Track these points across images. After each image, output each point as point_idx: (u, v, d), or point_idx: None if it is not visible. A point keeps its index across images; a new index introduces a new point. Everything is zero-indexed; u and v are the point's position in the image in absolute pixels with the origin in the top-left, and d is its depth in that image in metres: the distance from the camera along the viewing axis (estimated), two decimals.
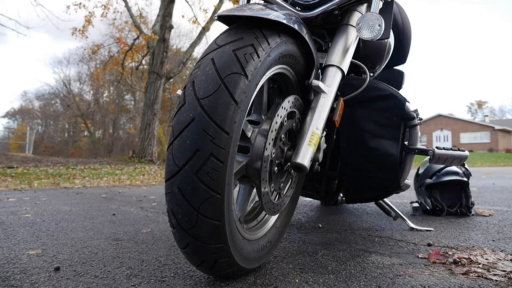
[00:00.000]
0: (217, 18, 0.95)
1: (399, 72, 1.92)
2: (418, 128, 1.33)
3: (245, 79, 0.80)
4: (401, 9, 1.77)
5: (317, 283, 0.94)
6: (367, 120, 1.31)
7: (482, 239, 1.44)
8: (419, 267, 1.08)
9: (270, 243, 1.07)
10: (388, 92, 1.31)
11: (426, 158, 2.16)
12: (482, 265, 1.08)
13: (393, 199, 2.76)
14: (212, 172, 0.75)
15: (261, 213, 1.13)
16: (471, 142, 35.53)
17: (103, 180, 5.16)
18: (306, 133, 0.97)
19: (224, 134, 0.76)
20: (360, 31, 1.08)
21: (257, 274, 1.00)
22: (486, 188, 3.81)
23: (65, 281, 0.95)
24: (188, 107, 0.77)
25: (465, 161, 1.45)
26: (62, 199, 2.88)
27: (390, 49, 1.57)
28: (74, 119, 29.44)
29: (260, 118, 1.02)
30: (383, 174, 1.31)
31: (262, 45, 0.86)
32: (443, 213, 2.02)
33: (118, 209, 2.32)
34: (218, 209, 0.77)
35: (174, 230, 0.81)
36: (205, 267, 0.85)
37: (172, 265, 1.09)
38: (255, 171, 0.93)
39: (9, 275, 1.00)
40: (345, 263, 1.11)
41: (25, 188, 3.88)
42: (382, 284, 0.93)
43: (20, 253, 1.23)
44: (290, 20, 0.94)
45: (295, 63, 1.03)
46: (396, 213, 1.69)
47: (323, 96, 1.03)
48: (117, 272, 1.02)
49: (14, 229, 1.65)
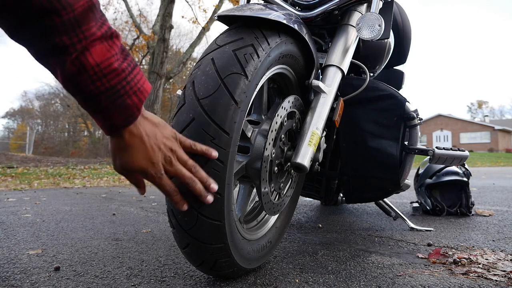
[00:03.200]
0: (217, 18, 0.95)
1: (399, 72, 1.92)
2: (418, 128, 1.33)
3: (245, 79, 0.80)
4: (401, 9, 1.77)
5: (317, 283, 0.94)
6: (367, 120, 1.31)
7: (482, 239, 1.44)
8: (419, 267, 1.08)
9: (270, 243, 1.07)
10: (388, 92, 1.31)
11: (426, 158, 2.16)
12: (482, 265, 1.08)
13: (393, 199, 2.76)
14: (212, 172, 0.75)
15: (261, 213, 1.13)
16: (471, 142, 35.55)
17: (103, 180, 5.16)
18: (306, 133, 0.97)
19: (224, 134, 0.76)
20: (360, 31, 1.08)
21: (257, 274, 1.00)
22: (486, 188, 3.81)
23: (65, 281, 0.95)
24: (188, 107, 0.77)
25: (465, 161, 1.45)
26: (62, 199, 2.88)
27: (390, 49, 1.58)
28: (74, 119, 29.44)
29: (260, 118, 1.02)
30: (383, 174, 1.31)
31: (262, 45, 0.86)
32: (443, 213, 2.02)
33: (118, 209, 2.32)
34: (218, 209, 0.77)
35: (174, 230, 0.81)
36: (205, 267, 0.85)
37: (172, 265, 1.09)
38: (255, 171, 0.93)
39: (9, 275, 1.00)
40: (345, 263, 1.11)
41: (25, 188, 3.88)
42: (382, 284, 0.93)
43: (20, 253, 1.23)
44: (290, 20, 0.94)
45: (295, 63, 1.03)
46: (396, 213, 1.69)
47: (323, 96, 1.03)
48: (117, 272, 1.02)
49: (14, 229, 1.65)
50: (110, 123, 0.62)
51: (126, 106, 0.60)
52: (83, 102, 0.60)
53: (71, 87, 0.57)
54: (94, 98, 0.58)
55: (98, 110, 0.60)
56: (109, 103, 0.59)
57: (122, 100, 0.59)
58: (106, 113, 0.60)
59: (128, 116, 0.62)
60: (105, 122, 0.62)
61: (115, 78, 0.58)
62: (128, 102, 0.60)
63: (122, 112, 0.60)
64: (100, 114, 0.60)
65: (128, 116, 0.62)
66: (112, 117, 0.60)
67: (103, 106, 0.59)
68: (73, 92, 0.58)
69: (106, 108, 0.59)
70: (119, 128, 0.63)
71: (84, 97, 0.58)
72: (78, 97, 0.59)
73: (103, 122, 0.62)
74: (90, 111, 0.61)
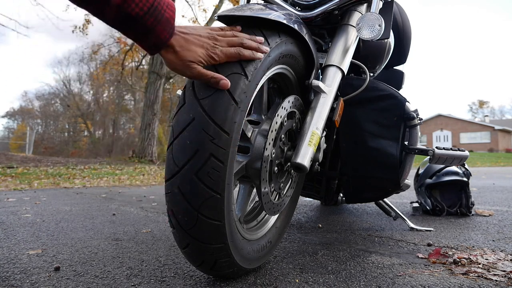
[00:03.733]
0: (217, 18, 0.95)
1: (399, 72, 1.92)
2: (418, 128, 1.33)
3: (245, 79, 0.80)
4: (401, 9, 1.77)
5: (317, 283, 0.94)
6: (367, 120, 1.31)
7: (482, 239, 1.44)
8: (419, 267, 1.08)
9: (270, 243, 1.07)
10: (388, 92, 1.31)
11: (426, 158, 2.16)
12: (482, 265, 1.08)
13: (393, 199, 2.76)
14: (212, 172, 0.75)
15: (261, 213, 1.13)
16: (471, 142, 35.54)
17: (103, 180, 5.16)
18: (306, 133, 0.97)
19: (224, 134, 0.76)
20: (360, 31, 1.08)
21: (257, 274, 1.00)
22: (486, 188, 3.81)
23: (65, 281, 0.95)
24: (188, 107, 0.77)
25: (465, 161, 1.45)
26: (62, 199, 2.88)
27: (390, 49, 1.57)
28: (74, 119, 29.45)
29: (260, 118, 1.02)
30: (383, 174, 1.31)
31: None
32: (443, 213, 2.02)
33: (118, 209, 2.32)
34: (218, 209, 0.77)
35: (174, 230, 0.81)
36: (205, 267, 0.85)
37: (172, 265, 1.09)
38: (255, 171, 0.93)
39: (9, 275, 1.00)
40: (345, 263, 1.11)
41: (25, 188, 3.88)
42: (382, 284, 0.93)
43: (20, 253, 1.23)
44: (290, 20, 0.94)
45: (295, 63, 1.03)
46: (396, 213, 1.69)
47: (323, 96, 1.03)
48: (117, 272, 1.02)
49: (14, 229, 1.65)
50: (155, 41, 0.70)
51: (166, 20, 0.69)
52: (131, 28, 0.67)
53: (120, 17, 0.65)
54: (140, 20, 0.66)
55: (146, 31, 0.67)
56: (154, 21, 0.67)
57: (162, 15, 0.68)
58: (153, 32, 0.68)
59: (170, 29, 0.70)
60: (153, 40, 0.69)
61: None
62: (167, 16, 0.69)
63: (165, 26, 0.69)
64: (147, 36, 0.68)
65: (170, 29, 0.70)
66: (160, 34, 0.69)
67: (149, 26, 0.67)
68: (121, 21, 0.66)
69: (151, 27, 0.67)
70: (165, 42, 0.71)
71: (133, 23, 0.66)
72: (125, 25, 0.66)
73: (150, 41, 0.69)
74: (138, 35, 0.68)
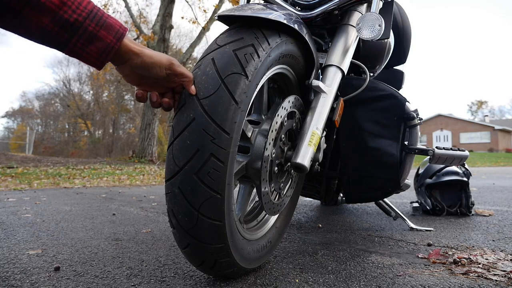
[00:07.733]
0: (217, 18, 0.95)
1: (399, 72, 1.93)
2: (418, 128, 1.34)
3: (245, 79, 0.80)
4: (401, 9, 1.77)
5: (317, 283, 0.94)
6: (367, 120, 1.31)
7: (482, 239, 1.44)
8: (419, 267, 1.08)
9: (270, 243, 1.07)
10: (388, 92, 1.31)
11: (426, 158, 2.16)
12: (482, 265, 1.08)
13: (393, 199, 2.76)
14: (212, 172, 0.75)
15: (261, 213, 1.13)
16: (471, 142, 35.54)
17: (103, 180, 5.16)
18: (306, 133, 0.97)
19: (224, 134, 0.76)
20: (360, 31, 1.08)
21: (257, 274, 1.00)
22: (486, 188, 3.81)
23: (65, 281, 0.95)
24: (188, 107, 0.77)
25: (465, 161, 1.45)
26: (62, 199, 2.88)
27: (390, 49, 1.58)
28: (74, 119, 29.44)
29: (260, 118, 1.02)
30: (383, 174, 1.31)
31: (263, 45, 0.86)
32: (443, 213, 2.02)
33: (118, 209, 2.32)
34: (218, 209, 0.77)
35: (174, 230, 0.81)
36: (205, 267, 0.85)
37: (172, 265, 1.09)
38: (255, 171, 0.93)
39: (9, 275, 1.00)
40: (345, 263, 1.11)
41: (25, 188, 3.88)
42: (382, 284, 0.93)
43: (20, 253, 1.23)
44: (290, 20, 0.94)
45: (295, 63, 1.03)
46: (396, 213, 1.69)
47: (323, 96, 1.03)
48: (117, 272, 1.02)
49: (14, 229, 1.65)
50: (104, 46, 0.67)
51: (110, 24, 0.67)
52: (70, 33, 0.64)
53: (57, 23, 0.62)
54: (81, 25, 0.64)
55: (89, 38, 0.65)
56: (95, 25, 0.65)
57: (103, 21, 0.67)
58: (96, 36, 0.66)
59: (115, 33, 0.68)
60: (101, 47, 0.67)
61: (88, 4, 0.65)
62: (110, 21, 0.68)
63: (109, 30, 0.67)
64: (92, 41, 0.66)
65: (116, 34, 0.68)
66: (104, 37, 0.66)
67: (90, 31, 0.65)
68: (58, 28, 0.62)
69: (94, 32, 0.65)
70: (113, 46, 0.68)
71: (72, 29, 0.63)
72: (65, 31, 0.63)
73: (99, 47, 0.67)
74: (81, 44, 0.65)
